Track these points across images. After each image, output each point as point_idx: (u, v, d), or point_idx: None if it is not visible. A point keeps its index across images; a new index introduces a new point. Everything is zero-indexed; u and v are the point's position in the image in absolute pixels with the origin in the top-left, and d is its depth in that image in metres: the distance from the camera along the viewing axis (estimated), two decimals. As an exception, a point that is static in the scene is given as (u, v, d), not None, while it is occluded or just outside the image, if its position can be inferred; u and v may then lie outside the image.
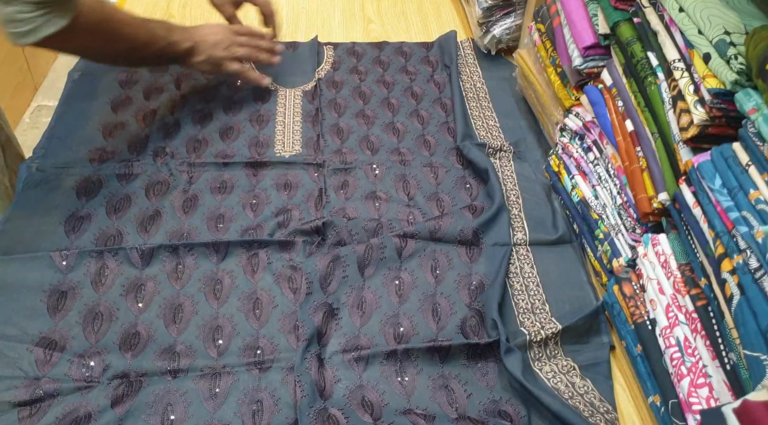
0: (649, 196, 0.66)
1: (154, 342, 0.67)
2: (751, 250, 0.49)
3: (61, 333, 0.67)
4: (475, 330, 0.71)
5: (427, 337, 0.70)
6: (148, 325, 0.69)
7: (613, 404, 0.65)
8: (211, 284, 0.73)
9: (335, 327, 0.70)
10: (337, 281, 0.74)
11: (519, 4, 1.09)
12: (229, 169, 0.87)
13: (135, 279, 0.72)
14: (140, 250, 0.74)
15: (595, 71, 0.81)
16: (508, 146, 0.94)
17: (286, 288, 0.73)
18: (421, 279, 0.75)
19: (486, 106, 1.03)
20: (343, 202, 0.84)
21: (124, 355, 0.66)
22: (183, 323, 0.69)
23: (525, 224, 0.83)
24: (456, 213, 0.82)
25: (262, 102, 1.00)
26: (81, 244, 0.75)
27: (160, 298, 0.71)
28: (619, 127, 0.73)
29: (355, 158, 0.91)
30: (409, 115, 1.00)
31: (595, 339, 0.71)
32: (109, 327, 0.68)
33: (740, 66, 0.56)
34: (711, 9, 0.61)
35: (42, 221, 0.78)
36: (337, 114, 0.99)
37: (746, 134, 0.54)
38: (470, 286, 0.75)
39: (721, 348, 0.53)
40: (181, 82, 1.01)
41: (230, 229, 0.80)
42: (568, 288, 0.76)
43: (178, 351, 0.67)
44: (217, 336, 0.68)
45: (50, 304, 0.69)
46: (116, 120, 0.93)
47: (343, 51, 1.13)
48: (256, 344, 0.68)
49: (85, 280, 0.71)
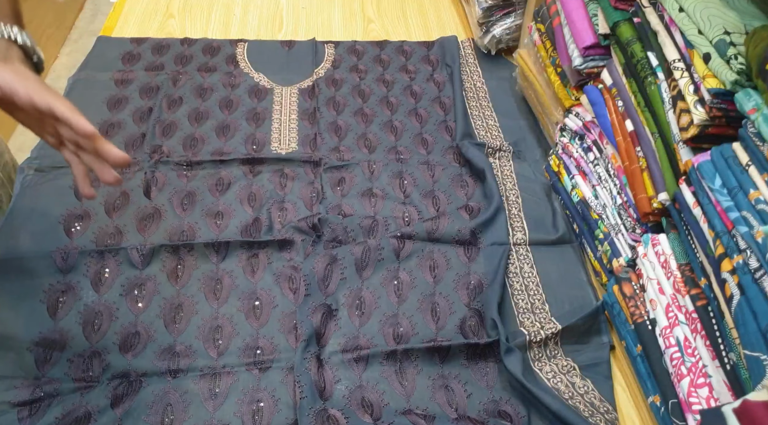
0: (649, 196, 0.66)
1: (154, 342, 0.67)
2: (751, 250, 0.49)
3: (61, 332, 0.67)
4: (475, 330, 0.71)
5: (427, 337, 0.70)
6: (147, 325, 0.69)
7: (613, 404, 0.65)
8: (211, 284, 0.73)
9: (334, 328, 0.70)
10: (335, 283, 0.74)
11: (519, 4, 1.09)
12: (225, 167, 0.88)
13: (135, 279, 0.73)
14: (140, 250, 0.74)
15: (595, 71, 0.81)
16: (508, 146, 0.94)
17: (286, 288, 0.73)
18: (420, 279, 0.75)
19: (486, 106, 1.03)
20: (339, 199, 0.85)
21: (124, 355, 0.66)
22: (183, 323, 0.69)
23: (524, 224, 0.83)
24: (453, 214, 0.82)
25: (259, 100, 1.00)
26: (81, 243, 0.75)
27: (159, 298, 0.71)
28: (619, 127, 0.73)
29: (352, 156, 0.91)
30: (407, 113, 1.00)
31: (595, 339, 0.71)
32: (109, 326, 0.68)
33: (740, 66, 0.56)
34: (711, 9, 0.61)
35: (41, 221, 0.78)
36: (335, 111, 1.00)
37: (746, 134, 0.54)
38: (469, 286, 0.75)
39: (721, 348, 0.53)
40: (176, 81, 1.01)
41: (230, 226, 0.80)
42: (567, 288, 0.76)
43: (177, 351, 0.67)
44: (217, 337, 0.68)
45: (50, 304, 0.69)
46: (112, 119, 0.94)
47: (343, 49, 1.14)
48: (255, 344, 0.68)
49: (85, 280, 0.71)
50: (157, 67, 1.05)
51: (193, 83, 1.01)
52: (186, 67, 1.06)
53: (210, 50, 1.10)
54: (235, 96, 1.00)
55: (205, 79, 1.03)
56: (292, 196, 0.85)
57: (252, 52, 1.11)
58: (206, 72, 1.05)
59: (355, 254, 0.76)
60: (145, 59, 1.07)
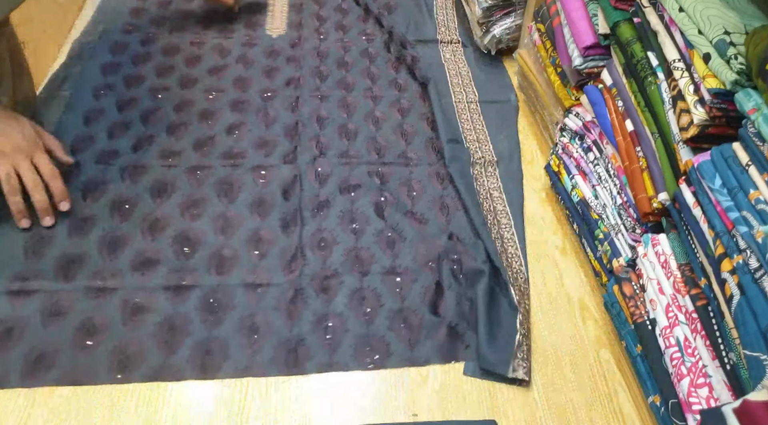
0: (649, 196, 0.66)
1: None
2: (751, 250, 0.49)
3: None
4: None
5: (399, 152, 0.94)
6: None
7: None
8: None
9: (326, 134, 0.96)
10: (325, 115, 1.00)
11: (519, 4, 1.09)
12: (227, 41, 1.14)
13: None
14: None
15: (595, 71, 0.81)
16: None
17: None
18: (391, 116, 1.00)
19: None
20: (318, 80, 1.07)
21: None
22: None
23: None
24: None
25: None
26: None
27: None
28: (619, 127, 0.73)
29: (328, 34, 1.18)
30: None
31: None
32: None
33: (740, 66, 0.56)
34: (711, 9, 0.61)
35: None
36: (318, 5, 1.26)
37: (746, 134, 0.54)
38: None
39: (721, 348, 0.53)
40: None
41: (224, 94, 1.01)
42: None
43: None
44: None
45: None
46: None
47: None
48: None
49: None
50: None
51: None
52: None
53: None
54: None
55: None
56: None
57: None
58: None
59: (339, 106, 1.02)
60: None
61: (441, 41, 1.19)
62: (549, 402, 0.67)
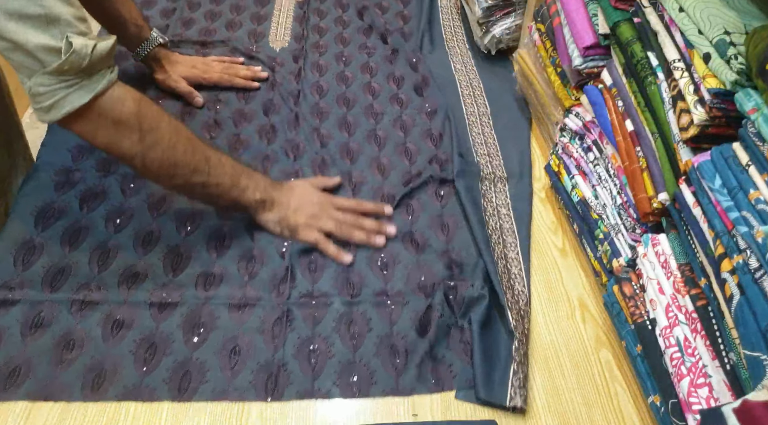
0: (649, 196, 0.66)
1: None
2: (751, 250, 0.49)
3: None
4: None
5: (404, 170, 0.91)
6: None
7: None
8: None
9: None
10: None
11: (519, 4, 1.09)
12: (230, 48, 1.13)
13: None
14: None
15: (595, 71, 0.81)
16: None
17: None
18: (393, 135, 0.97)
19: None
20: (317, 78, 1.07)
21: None
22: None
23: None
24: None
25: (262, 5, 1.23)
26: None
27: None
28: (619, 127, 0.73)
29: (328, 48, 1.15)
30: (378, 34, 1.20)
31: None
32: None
33: (740, 66, 0.56)
34: (711, 9, 0.61)
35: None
36: (319, 18, 1.23)
37: (746, 134, 0.54)
38: (432, 136, 0.96)
39: (721, 348, 0.53)
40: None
41: (226, 106, 1.00)
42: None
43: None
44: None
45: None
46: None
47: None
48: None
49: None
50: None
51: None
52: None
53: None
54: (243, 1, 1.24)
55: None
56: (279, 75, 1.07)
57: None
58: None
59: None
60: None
61: (449, 49, 1.17)
62: (549, 402, 0.67)
